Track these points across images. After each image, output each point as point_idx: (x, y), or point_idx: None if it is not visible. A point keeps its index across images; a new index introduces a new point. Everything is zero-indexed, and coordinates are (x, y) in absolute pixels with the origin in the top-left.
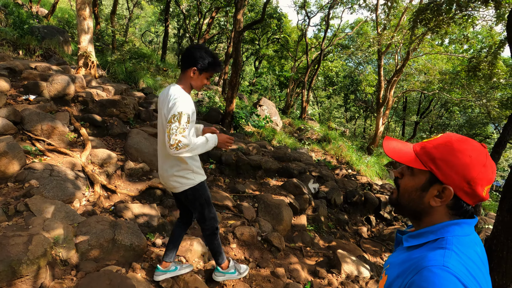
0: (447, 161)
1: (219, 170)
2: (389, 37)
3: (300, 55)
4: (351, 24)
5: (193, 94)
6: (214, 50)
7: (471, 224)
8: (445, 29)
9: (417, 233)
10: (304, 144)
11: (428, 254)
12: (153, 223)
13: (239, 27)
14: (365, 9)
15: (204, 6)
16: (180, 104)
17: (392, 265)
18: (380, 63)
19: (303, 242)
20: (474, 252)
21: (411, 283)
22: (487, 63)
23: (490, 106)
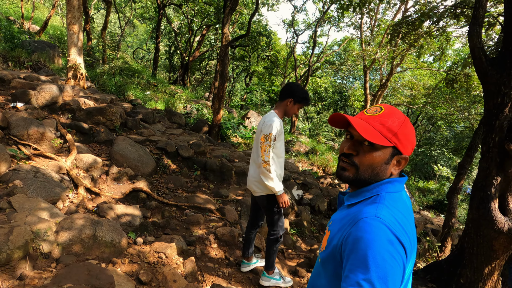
0: (405, 134)
1: (203, 176)
2: (373, 53)
3: (289, 71)
4: (338, 42)
5: (181, 107)
6: (205, 67)
7: (402, 182)
8: (421, 43)
9: (356, 192)
10: (291, 155)
11: (364, 208)
12: (135, 222)
13: (225, 40)
14: (351, 27)
15: (195, 24)
16: (271, 127)
17: (334, 221)
18: (365, 78)
19: (285, 244)
20: (403, 205)
21: (349, 234)
22: (464, 75)
23: (473, 120)
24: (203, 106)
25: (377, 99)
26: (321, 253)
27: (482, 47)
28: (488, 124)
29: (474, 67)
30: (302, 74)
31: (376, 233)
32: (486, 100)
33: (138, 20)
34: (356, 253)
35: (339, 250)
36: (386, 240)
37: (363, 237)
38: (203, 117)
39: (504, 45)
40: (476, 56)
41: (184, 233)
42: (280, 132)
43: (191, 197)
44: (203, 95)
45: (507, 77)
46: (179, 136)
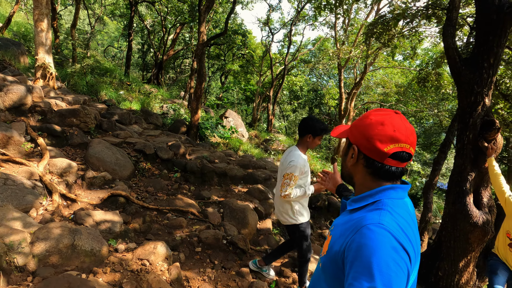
0: (356, 125)
1: (184, 178)
2: (347, 52)
3: (265, 70)
4: (312, 41)
5: (157, 107)
6: (180, 66)
7: (404, 189)
8: (394, 43)
9: (358, 197)
10: (270, 154)
11: (367, 214)
12: (115, 229)
13: (202, 39)
14: (325, 26)
15: (169, 22)
16: (294, 168)
17: (336, 226)
18: (340, 77)
19: (269, 245)
20: (406, 212)
21: (352, 241)
22: (435, 74)
23: (442, 116)
24: (180, 106)
25: (351, 97)
26: (322, 258)
27: (456, 48)
28: (462, 122)
29: (449, 67)
30: (278, 73)
31: (380, 240)
32: (460, 99)
33: (109, 17)
34: (360, 260)
35: (341, 256)
36: (390, 247)
37: (367, 244)
38: (181, 117)
39: (476, 45)
40: (451, 56)
41: (167, 237)
42: (305, 170)
43: (172, 200)
44: (178, 94)
45: (480, 77)
46: (157, 138)
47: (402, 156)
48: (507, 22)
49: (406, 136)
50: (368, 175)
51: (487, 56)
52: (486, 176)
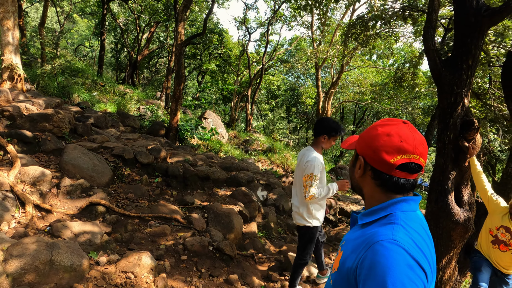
0: (363, 136)
1: (165, 183)
2: (324, 52)
3: (242, 69)
4: (289, 41)
5: (134, 108)
6: (155, 65)
7: (416, 201)
8: (372, 44)
9: (369, 211)
10: (250, 155)
11: (379, 229)
12: (96, 241)
13: (180, 40)
14: (302, 26)
15: (143, 20)
16: (313, 167)
17: (347, 241)
18: (317, 76)
19: (255, 248)
20: (420, 225)
21: (364, 258)
22: (410, 74)
23: (415, 114)
24: (158, 107)
25: (329, 96)
26: (333, 275)
27: (437, 49)
28: (443, 122)
29: (429, 68)
30: (256, 72)
31: (394, 257)
32: (440, 99)
33: (79, 14)
34: (374, 279)
35: (353, 273)
36: (405, 265)
37: (380, 262)
38: (159, 119)
39: (455, 47)
40: (431, 58)
41: (151, 246)
42: (322, 169)
43: (154, 206)
44: (154, 94)
45: (459, 78)
46: (136, 141)
47: (410, 167)
48: (485, 25)
49: (414, 146)
50: (377, 187)
51: (465, 57)
52: (466, 174)
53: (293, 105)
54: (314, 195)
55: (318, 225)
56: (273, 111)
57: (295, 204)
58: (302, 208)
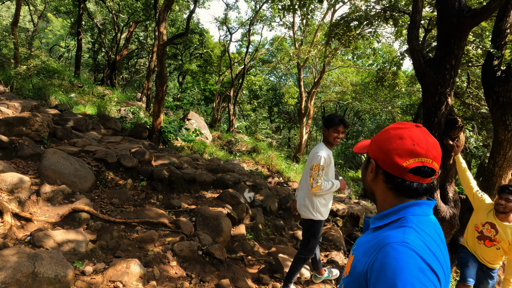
0: (375, 140)
1: (151, 187)
2: (306, 52)
3: (224, 69)
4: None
5: (114, 110)
6: (134, 66)
7: (430, 205)
8: (354, 44)
9: (381, 214)
10: (235, 155)
11: (390, 232)
12: (80, 249)
13: (162, 40)
14: (283, 27)
15: (121, 20)
16: (319, 158)
17: (359, 245)
18: (300, 76)
19: (244, 251)
20: (433, 229)
21: (375, 260)
22: (391, 74)
23: (395, 113)
24: (139, 109)
25: (311, 96)
26: (344, 279)
27: (421, 50)
28: (427, 121)
29: (414, 68)
30: (238, 73)
31: (404, 260)
32: (425, 99)
33: (53, 13)
34: (384, 282)
35: (364, 276)
36: (416, 268)
37: (391, 265)
38: (141, 121)
39: (439, 48)
40: (415, 58)
41: (138, 253)
42: (329, 162)
43: (140, 211)
44: (134, 95)
45: (443, 78)
46: (119, 144)
47: (423, 171)
48: (467, 26)
49: (427, 150)
50: (389, 191)
51: (449, 58)
52: (451, 172)
53: (275, 105)
54: (320, 186)
55: (322, 220)
56: (255, 111)
57: (301, 196)
58: (308, 201)
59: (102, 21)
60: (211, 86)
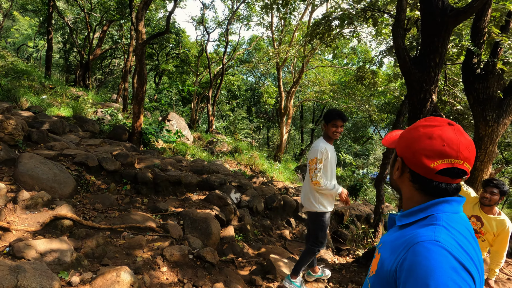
0: (404, 136)
1: (135, 190)
2: (285, 52)
3: (201, 70)
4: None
5: (91, 112)
6: (108, 66)
7: (460, 202)
8: (335, 44)
9: (408, 212)
10: (217, 156)
11: (419, 230)
12: (65, 259)
13: (141, 39)
14: (260, 26)
15: (94, 19)
16: (316, 152)
17: (385, 243)
18: (279, 76)
19: (234, 253)
20: (464, 227)
21: (404, 259)
22: (371, 73)
23: (371, 111)
24: (118, 111)
25: (291, 95)
26: (371, 278)
27: (406, 48)
28: (413, 118)
29: (399, 66)
30: (216, 73)
31: (436, 259)
32: (410, 96)
33: (19, 12)
34: (415, 282)
35: (393, 275)
36: (449, 268)
37: (422, 264)
38: (119, 123)
39: (423, 46)
40: (401, 56)
41: (126, 260)
42: (327, 156)
43: (125, 216)
44: (110, 97)
45: (428, 75)
46: (99, 147)
47: (452, 172)
48: (450, 24)
49: (458, 151)
50: (415, 190)
51: (433, 56)
52: None
53: (253, 105)
54: (320, 182)
55: (326, 211)
56: (234, 112)
57: (304, 190)
58: (310, 194)
59: (73, 20)
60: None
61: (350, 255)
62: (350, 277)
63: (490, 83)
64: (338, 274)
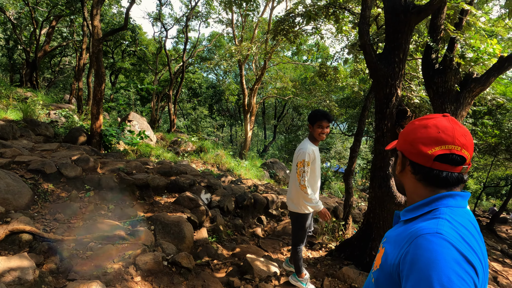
0: (402, 133)
1: (99, 197)
2: (246, 49)
3: (160, 67)
4: (208, 37)
5: (43, 114)
6: (58, 65)
7: (465, 197)
8: (298, 40)
9: (412, 207)
10: (182, 156)
11: (423, 224)
12: (27, 277)
13: (97, 35)
14: (220, 23)
15: (39, 14)
16: (304, 154)
17: (389, 238)
18: (241, 73)
19: (209, 255)
20: (468, 221)
21: (407, 252)
22: (333, 69)
23: (332, 106)
24: (72, 112)
25: (253, 92)
26: (375, 272)
27: (372, 44)
28: (380, 112)
29: (366, 62)
30: (176, 70)
31: (439, 251)
32: (376, 91)
33: None
34: (418, 274)
35: (396, 269)
36: (451, 260)
37: (424, 256)
38: (76, 125)
39: (387, 42)
40: (367, 52)
41: (96, 272)
42: (314, 157)
43: (91, 225)
44: (62, 97)
45: (393, 70)
46: (56, 152)
47: (451, 158)
48: (412, 21)
49: (454, 137)
50: (418, 182)
51: (397, 51)
52: None
53: (215, 103)
54: (307, 189)
55: (308, 213)
56: (196, 110)
57: (290, 190)
58: (295, 196)
59: (16, 15)
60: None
61: (323, 249)
62: (325, 271)
63: (448, 77)
64: (313, 268)
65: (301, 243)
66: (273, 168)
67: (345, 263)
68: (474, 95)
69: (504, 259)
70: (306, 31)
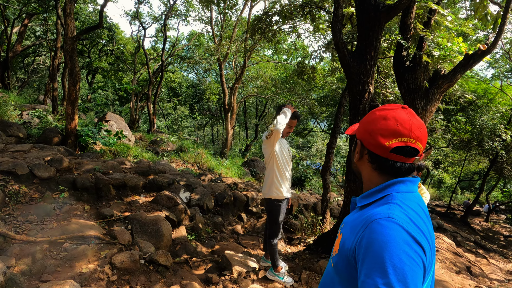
0: (362, 121)
1: (75, 198)
2: (227, 47)
3: (139, 67)
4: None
5: (15, 115)
6: (32, 64)
7: (414, 182)
8: (276, 39)
9: (367, 193)
10: (162, 156)
11: (376, 209)
12: None
13: (71, 33)
14: (199, 22)
15: (11, 12)
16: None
17: (346, 224)
18: (221, 72)
19: (188, 253)
20: (417, 204)
21: (362, 237)
22: (310, 68)
23: (312, 104)
24: (47, 112)
25: (234, 91)
26: (334, 257)
27: (345, 42)
28: (354, 109)
29: (339, 59)
30: (155, 70)
31: (390, 234)
32: (350, 88)
33: None
34: (372, 256)
35: (352, 253)
36: (402, 241)
37: (377, 239)
38: (50, 126)
39: (359, 40)
40: (340, 50)
41: (70, 273)
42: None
43: (65, 226)
44: (36, 98)
45: (365, 68)
46: (29, 153)
47: (406, 151)
48: (383, 20)
49: (410, 130)
50: (374, 170)
51: (369, 49)
52: None
53: (196, 102)
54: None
55: (282, 199)
56: (176, 109)
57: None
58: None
59: None
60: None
61: (302, 244)
62: (303, 265)
63: (418, 74)
64: (292, 262)
65: (276, 237)
66: (254, 167)
67: (323, 256)
68: (442, 91)
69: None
70: (284, 30)
